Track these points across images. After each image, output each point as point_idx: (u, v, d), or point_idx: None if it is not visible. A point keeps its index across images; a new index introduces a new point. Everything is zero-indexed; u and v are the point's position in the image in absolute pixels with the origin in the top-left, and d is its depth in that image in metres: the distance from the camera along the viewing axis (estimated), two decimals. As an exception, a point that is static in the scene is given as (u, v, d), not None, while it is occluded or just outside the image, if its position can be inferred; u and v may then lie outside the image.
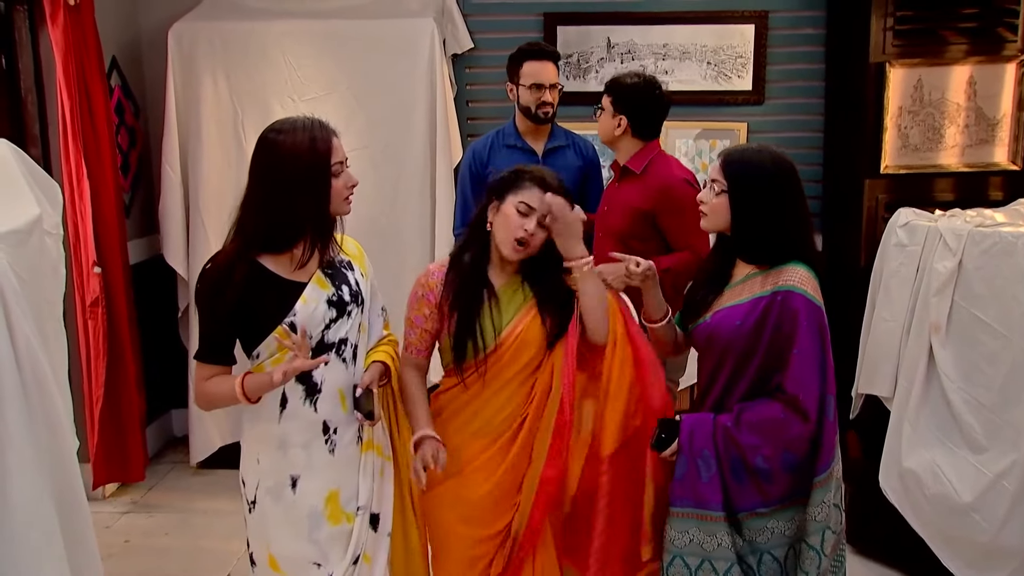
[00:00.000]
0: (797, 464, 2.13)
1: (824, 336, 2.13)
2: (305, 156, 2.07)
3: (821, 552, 2.16)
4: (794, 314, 2.11)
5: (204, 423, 4.22)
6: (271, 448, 2.18)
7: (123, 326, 3.89)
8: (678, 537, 2.21)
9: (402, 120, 4.09)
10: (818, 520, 2.14)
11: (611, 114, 3.02)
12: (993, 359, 2.78)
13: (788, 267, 2.17)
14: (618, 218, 3.01)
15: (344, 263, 2.25)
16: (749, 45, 4.33)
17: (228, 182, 4.07)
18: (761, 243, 2.20)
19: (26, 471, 1.85)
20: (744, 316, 2.17)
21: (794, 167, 2.22)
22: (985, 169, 3.82)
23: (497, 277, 2.29)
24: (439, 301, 2.27)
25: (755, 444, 2.13)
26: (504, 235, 2.22)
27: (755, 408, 2.16)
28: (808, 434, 2.11)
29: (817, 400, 2.10)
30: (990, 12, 3.74)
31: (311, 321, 2.11)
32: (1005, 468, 2.70)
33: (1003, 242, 2.77)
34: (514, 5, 4.43)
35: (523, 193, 2.21)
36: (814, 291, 2.15)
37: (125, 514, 3.90)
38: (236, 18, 4.16)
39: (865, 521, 3.31)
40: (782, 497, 2.16)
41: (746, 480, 2.15)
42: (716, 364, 2.24)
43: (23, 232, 2.13)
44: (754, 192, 2.17)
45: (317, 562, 2.18)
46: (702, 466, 2.16)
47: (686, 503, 2.19)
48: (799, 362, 2.10)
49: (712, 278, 2.32)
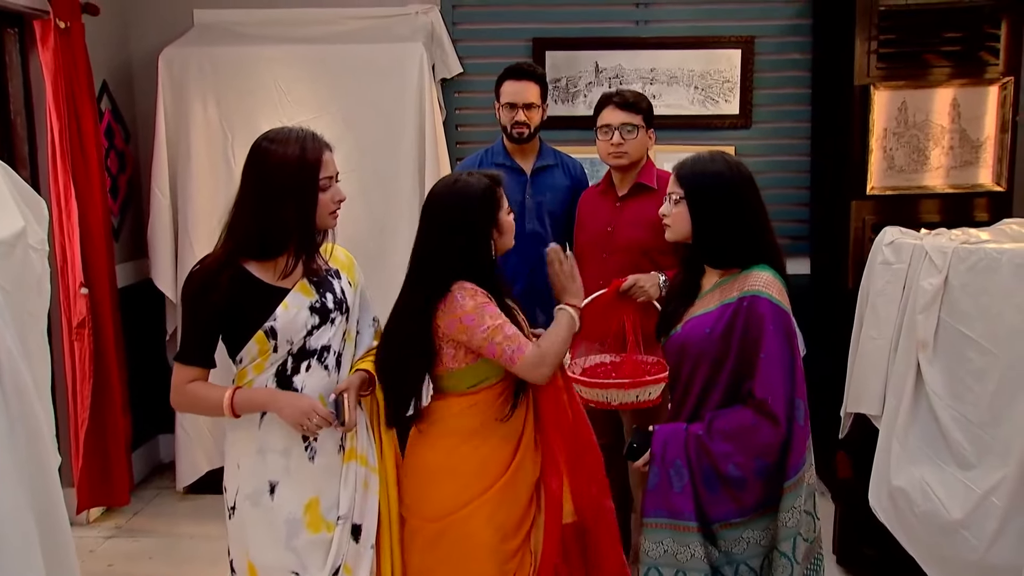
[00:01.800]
0: (769, 470, 2.12)
1: (791, 340, 2.14)
2: (293, 167, 2.09)
3: (793, 559, 2.14)
4: (760, 319, 2.12)
5: (191, 447, 4.19)
6: (251, 454, 2.18)
7: (110, 348, 3.87)
8: (652, 548, 2.19)
9: (391, 144, 4.11)
10: (789, 526, 2.12)
11: (644, 129, 3.05)
12: (980, 375, 2.77)
13: (753, 272, 2.20)
14: (640, 232, 3.01)
15: (331, 272, 2.27)
16: (736, 70, 4.38)
17: (217, 206, 4.07)
18: (723, 247, 2.23)
19: (4, 479, 1.83)
20: (713, 323, 2.18)
21: (749, 172, 2.26)
22: (970, 190, 3.85)
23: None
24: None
25: (727, 452, 2.12)
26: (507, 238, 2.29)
27: (726, 416, 2.16)
28: (779, 438, 2.10)
29: (785, 403, 2.10)
30: (972, 36, 3.79)
31: (292, 327, 2.12)
32: (994, 484, 2.67)
33: (988, 258, 2.77)
34: (503, 31, 4.48)
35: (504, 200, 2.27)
36: (779, 294, 2.16)
37: (109, 539, 3.85)
38: (227, 43, 4.20)
39: (856, 542, 3.28)
40: (756, 505, 2.15)
41: (719, 489, 2.14)
42: (689, 374, 2.24)
43: (6, 244, 2.12)
44: (710, 197, 2.21)
45: (295, 571, 2.17)
46: (674, 476, 2.15)
47: (659, 513, 2.19)
48: (766, 366, 2.10)
49: (683, 291, 2.34)
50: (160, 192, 4.15)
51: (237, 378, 2.21)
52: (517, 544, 2.25)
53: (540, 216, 3.28)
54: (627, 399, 2.78)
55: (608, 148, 3.03)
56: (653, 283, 2.85)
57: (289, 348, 2.15)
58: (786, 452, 2.12)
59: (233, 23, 4.40)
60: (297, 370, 2.17)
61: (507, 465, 2.25)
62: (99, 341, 3.80)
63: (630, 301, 2.87)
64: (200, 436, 4.19)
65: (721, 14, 4.39)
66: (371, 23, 4.38)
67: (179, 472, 4.24)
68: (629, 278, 2.85)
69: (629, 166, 3.06)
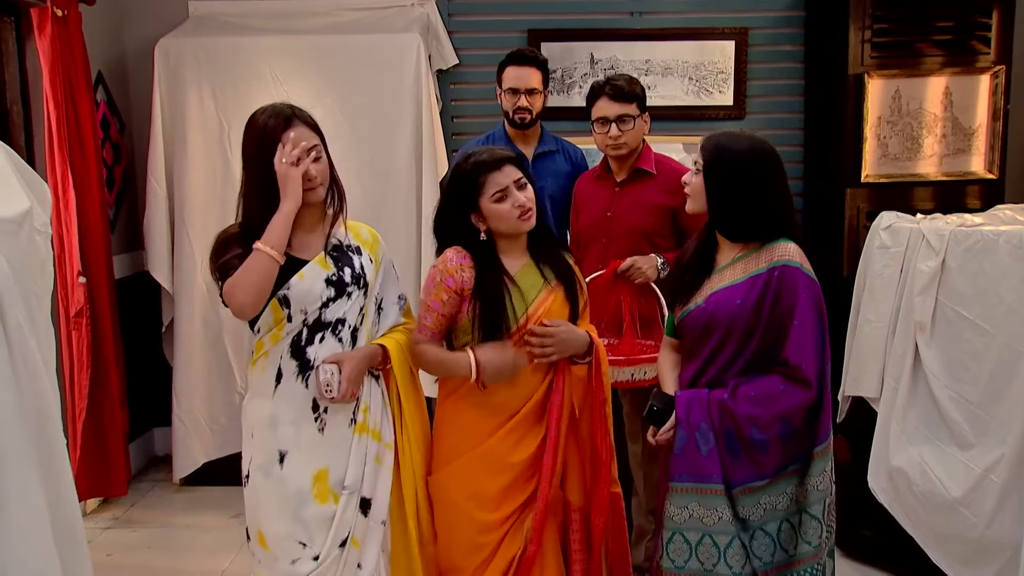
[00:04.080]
0: (793, 434, 2.16)
1: (821, 309, 2.19)
2: (256, 136, 2.17)
3: (823, 521, 2.18)
4: (794, 287, 2.16)
5: (188, 439, 4.19)
6: (263, 424, 2.21)
7: (107, 338, 3.85)
8: (677, 513, 2.22)
9: (388, 134, 4.11)
10: (820, 489, 2.18)
11: (639, 117, 3.06)
12: (978, 356, 2.81)
13: (778, 244, 2.22)
14: (641, 216, 3.04)
15: (352, 247, 2.31)
16: (730, 61, 4.41)
17: (214, 196, 4.08)
18: (738, 221, 2.25)
19: (15, 454, 1.82)
20: (744, 294, 2.20)
21: (774, 149, 2.28)
22: (963, 178, 3.88)
23: (511, 265, 2.36)
24: (459, 287, 2.29)
25: (752, 415, 2.15)
26: (510, 223, 2.31)
27: (753, 383, 2.18)
28: (809, 402, 2.14)
29: (817, 368, 2.14)
30: (963, 25, 3.83)
31: (307, 297, 2.16)
32: (992, 462, 2.71)
33: (985, 240, 2.81)
34: (499, 22, 4.49)
35: (489, 186, 2.29)
36: (807, 265, 2.21)
37: (107, 529, 3.84)
38: (223, 34, 4.20)
39: (855, 525, 3.31)
40: (777, 469, 2.18)
41: (741, 453, 2.17)
42: (717, 345, 2.25)
43: (13, 223, 2.11)
44: (727, 170, 2.23)
45: (303, 541, 2.18)
46: (700, 440, 2.18)
47: (685, 478, 2.21)
48: (800, 333, 2.14)
49: (698, 262, 2.35)
50: (156, 183, 4.14)
51: (255, 348, 2.23)
52: (497, 519, 2.30)
53: (542, 201, 3.22)
54: (622, 377, 2.80)
55: (606, 140, 3.04)
56: (651, 265, 2.88)
57: (304, 318, 2.18)
58: (816, 417, 2.16)
59: (228, 15, 4.39)
60: (311, 341, 2.19)
61: (489, 434, 2.32)
62: (97, 331, 3.79)
63: (628, 283, 2.90)
64: (197, 428, 4.18)
65: (715, 6, 4.42)
66: (367, 15, 4.38)
67: (176, 464, 4.22)
68: (627, 260, 2.87)
69: (628, 154, 3.07)
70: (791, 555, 2.20)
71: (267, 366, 2.21)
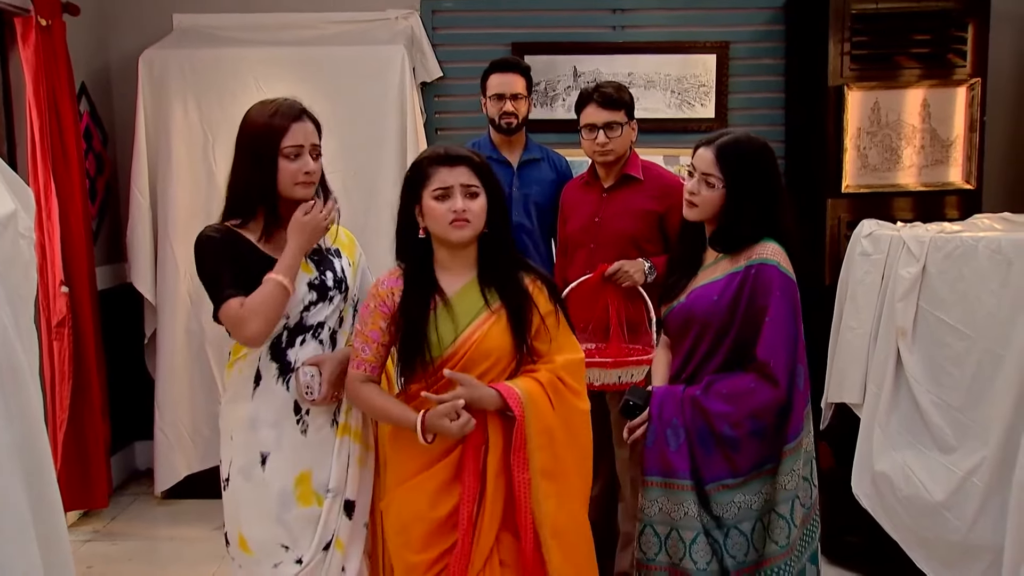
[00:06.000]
0: (764, 431, 2.17)
1: (796, 308, 2.20)
2: (259, 130, 2.14)
3: (791, 522, 2.18)
4: (768, 284, 2.18)
5: (170, 452, 4.15)
6: (243, 426, 2.18)
7: (89, 349, 3.83)
8: (648, 506, 2.25)
9: (373, 146, 4.13)
10: (788, 488, 2.18)
11: (627, 124, 3.07)
12: (959, 360, 2.84)
13: (760, 243, 2.25)
14: (629, 222, 3.05)
15: (332, 251, 2.30)
16: (711, 74, 4.46)
17: (198, 208, 4.06)
18: (743, 235, 2.27)
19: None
20: (720, 291, 2.23)
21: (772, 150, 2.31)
22: (941, 188, 3.95)
23: (450, 282, 2.12)
24: (393, 312, 2.11)
25: (723, 412, 2.17)
26: (440, 227, 2.06)
27: (726, 379, 2.21)
28: (778, 400, 2.15)
29: (787, 367, 2.16)
30: (940, 38, 3.91)
31: (290, 301, 2.13)
32: (974, 465, 2.73)
33: (964, 246, 2.85)
34: (482, 35, 4.52)
35: (433, 181, 2.06)
36: (786, 264, 2.23)
37: (88, 542, 3.79)
38: (207, 45, 4.20)
39: (840, 531, 3.32)
40: (750, 468, 2.19)
41: (714, 450, 2.19)
42: (693, 341, 2.28)
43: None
44: (750, 188, 2.24)
45: (285, 544, 2.16)
46: (671, 435, 2.21)
47: (654, 472, 2.23)
48: (770, 330, 2.16)
49: (685, 263, 2.38)
50: (140, 194, 4.12)
51: (232, 351, 2.22)
52: (426, 560, 2.06)
53: (527, 208, 3.31)
54: (609, 379, 2.80)
55: (593, 147, 3.06)
56: (638, 269, 2.90)
57: (286, 322, 2.17)
58: (786, 416, 2.17)
59: (213, 27, 4.40)
60: (292, 343, 2.18)
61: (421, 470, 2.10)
62: (79, 341, 3.76)
63: (615, 287, 2.91)
64: (180, 440, 4.15)
65: (696, 20, 4.48)
66: (351, 28, 4.40)
67: (157, 476, 4.19)
68: (615, 263, 2.89)
69: (615, 161, 3.10)
70: (761, 554, 2.21)
71: (244, 368, 2.19)
